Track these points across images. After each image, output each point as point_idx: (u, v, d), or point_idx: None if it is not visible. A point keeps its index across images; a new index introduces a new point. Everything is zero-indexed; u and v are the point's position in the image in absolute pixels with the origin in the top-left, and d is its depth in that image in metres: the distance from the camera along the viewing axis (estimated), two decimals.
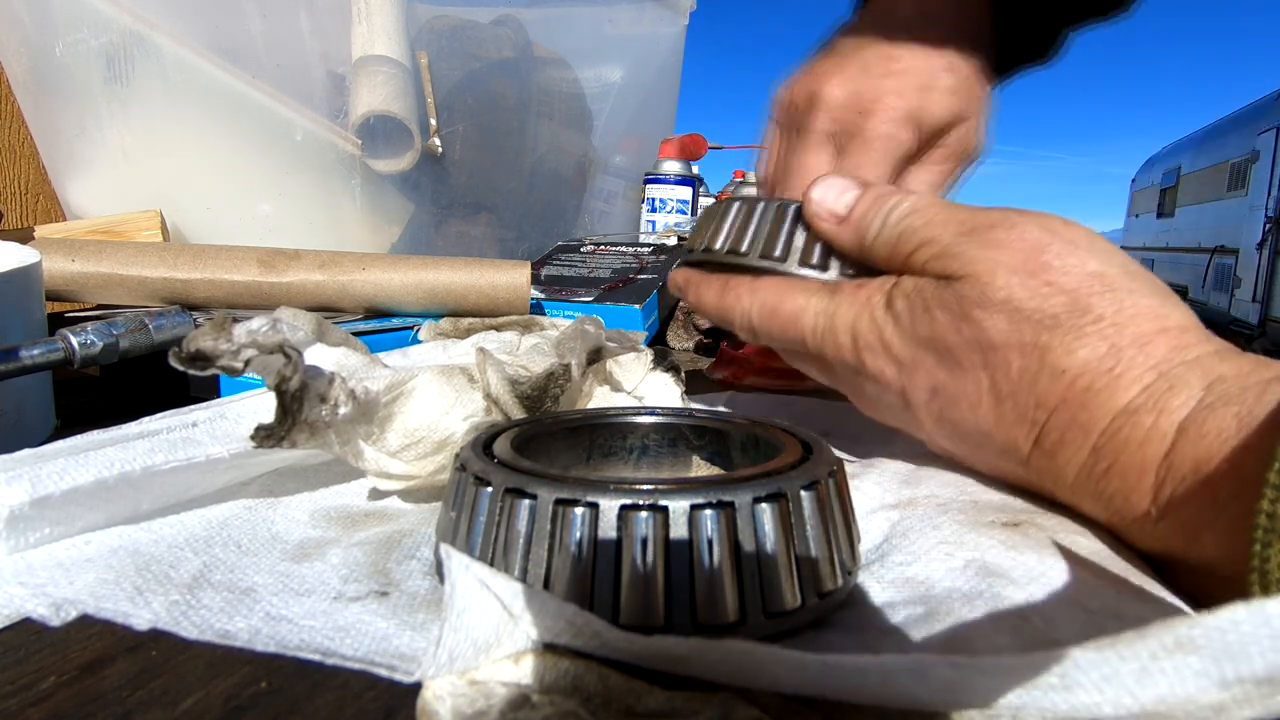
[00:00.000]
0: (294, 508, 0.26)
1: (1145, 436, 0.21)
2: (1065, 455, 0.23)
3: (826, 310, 0.28)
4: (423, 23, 0.74)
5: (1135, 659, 0.13)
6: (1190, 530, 0.20)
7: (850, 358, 0.27)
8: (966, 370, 0.24)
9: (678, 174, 0.96)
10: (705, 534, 0.18)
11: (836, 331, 0.27)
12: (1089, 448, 0.22)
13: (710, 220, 0.33)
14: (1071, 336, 0.22)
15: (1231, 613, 0.12)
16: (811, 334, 0.28)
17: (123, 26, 0.61)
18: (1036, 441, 0.24)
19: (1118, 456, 0.22)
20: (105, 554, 0.22)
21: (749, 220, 0.31)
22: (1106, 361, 0.22)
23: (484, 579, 0.17)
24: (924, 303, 0.25)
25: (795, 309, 0.29)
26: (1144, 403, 0.21)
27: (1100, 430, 0.22)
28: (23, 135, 0.71)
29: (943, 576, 0.21)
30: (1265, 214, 5.27)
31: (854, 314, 0.27)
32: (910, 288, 0.26)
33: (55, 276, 0.44)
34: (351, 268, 0.49)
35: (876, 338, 0.26)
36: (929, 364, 0.25)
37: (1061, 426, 0.23)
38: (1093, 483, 0.23)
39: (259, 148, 0.67)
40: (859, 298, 0.27)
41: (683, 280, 0.34)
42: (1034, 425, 0.24)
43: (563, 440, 0.27)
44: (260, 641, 0.18)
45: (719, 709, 0.15)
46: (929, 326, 0.25)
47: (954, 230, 0.25)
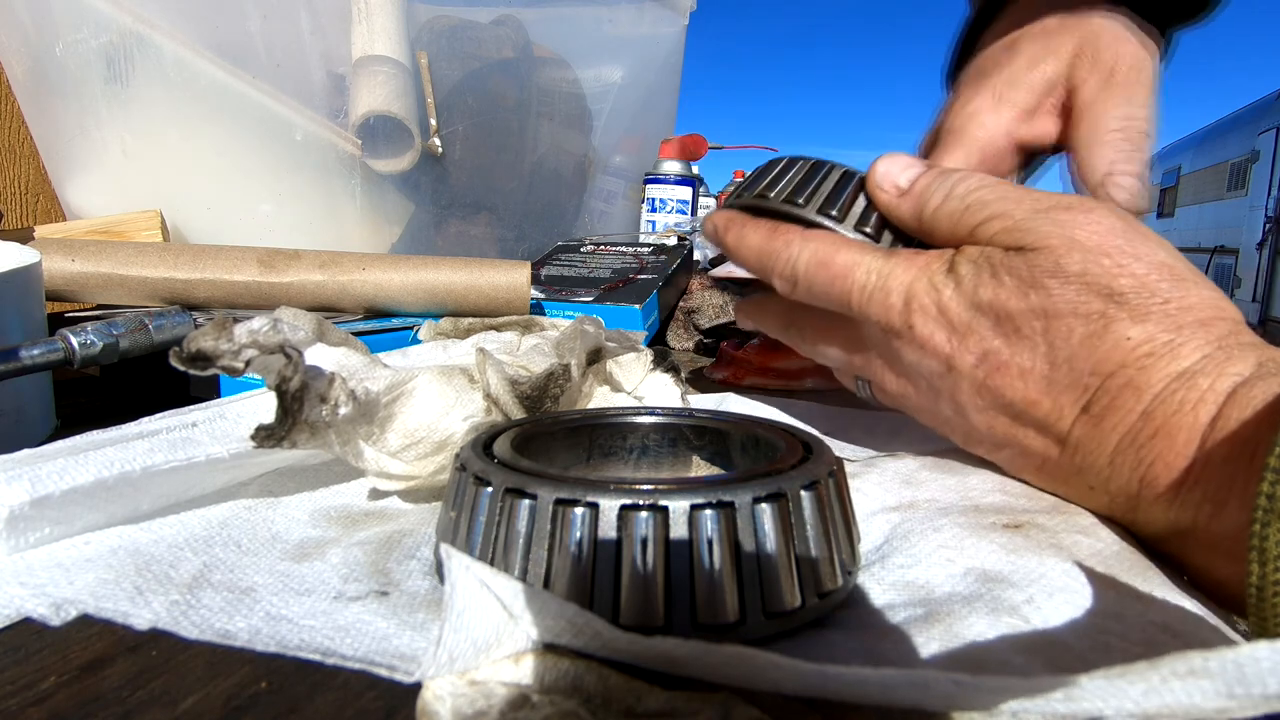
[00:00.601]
0: (294, 508, 0.26)
1: (1200, 399, 0.22)
2: (1113, 420, 0.23)
3: (881, 270, 0.28)
4: (423, 23, 0.74)
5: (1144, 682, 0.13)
6: (1219, 496, 0.21)
7: (898, 320, 0.28)
8: (1025, 337, 0.25)
9: (678, 174, 0.96)
10: (705, 534, 0.18)
11: (889, 291, 0.28)
12: (1139, 411, 0.23)
13: (768, 171, 0.33)
14: (1139, 311, 0.23)
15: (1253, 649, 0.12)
16: (860, 290, 0.28)
17: (123, 26, 0.61)
18: (1085, 408, 0.24)
19: (1169, 418, 0.22)
20: (105, 554, 0.22)
21: (811, 177, 0.31)
22: (1169, 334, 0.23)
23: (484, 579, 0.17)
24: (991, 268, 0.26)
25: (848, 262, 0.29)
26: (1202, 368, 0.22)
27: (1155, 394, 0.23)
28: (23, 135, 0.71)
29: (943, 582, 0.21)
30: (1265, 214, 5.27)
31: (911, 276, 0.27)
32: (976, 254, 0.26)
33: (55, 276, 0.44)
34: (351, 268, 0.49)
35: (933, 300, 0.27)
36: (984, 329, 0.26)
37: (1114, 390, 0.23)
38: (1135, 449, 0.23)
39: (259, 148, 0.67)
40: (917, 262, 0.28)
41: (723, 221, 0.34)
42: (1085, 391, 0.24)
43: (563, 440, 0.27)
44: (260, 641, 0.18)
45: (719, 709, 0.15)
46: (993, 291, 0.25)
47: (1029, 207, 0.26)
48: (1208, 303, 0.24)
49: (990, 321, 0.26)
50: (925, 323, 0.27)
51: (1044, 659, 0.17)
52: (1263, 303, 5.23)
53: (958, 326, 0.26)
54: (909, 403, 0.30)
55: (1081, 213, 0.25)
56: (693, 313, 0.67)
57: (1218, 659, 0.12)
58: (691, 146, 0.99)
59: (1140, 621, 0.18)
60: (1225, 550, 0.21)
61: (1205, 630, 0.19)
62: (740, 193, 0.34)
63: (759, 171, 0.34)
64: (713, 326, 0.66)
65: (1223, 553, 0.21)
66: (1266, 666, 0.12)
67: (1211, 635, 0.18)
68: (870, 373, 0.31)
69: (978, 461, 0.30)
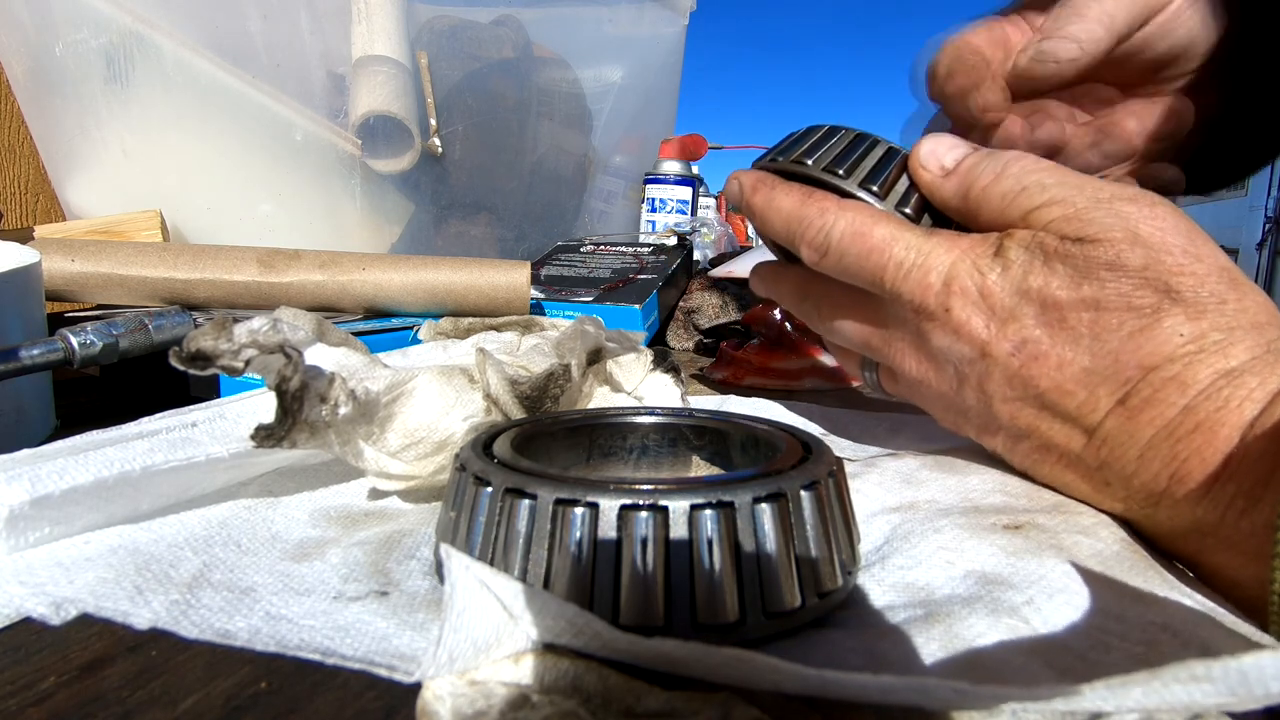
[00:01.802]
0: (294, 507, 0.26)
1: (1247, 396, 0.22)
2: (1151, 413, 0.23)
3: (921, 248, 0.27)
4: (423, 23, 0.74)
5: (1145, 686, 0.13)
6: (1254, 491, 0.21)
7: (934, 301, 0.27)
8: (1069, 328, 0.25)
9: (678, 174, 0.96)
10: (705, 534, 0.18)
11: (929, 270, 0.27)
12: (1182, 405, 0.23)
13: (807, 138, 0.31)
14: (1194, 309, 0.23)
15: (1256, 658, 0.12)
16: (897, 267, 0.28)
17: (123, 26, 0.61)
18: (1122, 400, 0.24)
19: (1212, 414, 0.22)
20: (105, 553, 0.22)
21: (853, 149, 0.30)
22: (1221, 333, 0.23)
23: (484, 579, 0.17)
24: (1045, 255, 0.25)
25: (887, 236, 0.28)
26: (1251, 367, 0.22)
27: (1201, 389, 0.23)
28: (23, 135, 0.71)
29: (943, 584, 0.21)
30: (1265, 214, 5.27)
31: (953, 257, 0.27)
32: (1029, 238, 0.26)
33: (55, 276, 0.44)
34: (351, 268, 0.49)
35: (975, 284, 0.26)
36: (1027, 316, 0.25)
37: (1158, 384, 0.23)
38: (1171, 442, 0.23)
39: (259, 148, 0.67)
40: (960, 244, 0.27)
41: (751, 182, 0.32)
42: (1125, 384, 0.24)
43: (563, 440, 0.27)
44: (260, 641, 0.18)
45: (719, 709, 0.15)
46: (1044, 278, 0.25)
47: (1090, 195, 0.25)
48: (1262, 307, 0.24)
49: (1035, 309, 0.25)
50: (964, 306, 0.26)
51: (1044, 660, 0.17)
52: None
53: (998, 312, 0.26)
54: (925, 390, 0.30)
55: (1146, 206, 0.25)
56: (693, 313, 0.67)
57: (1220, 667, 0.12)
58: (691, 146, 0.99)
59: (1140, 622, 0.18)
60: (1249, 550, 0.21)
61: (1206, 629, 0.19)
62: (774, 156, 0.32)
63: (796, 137, 0.32)
64: (713, 326, 0.66)
65: (1246, 552, 0.21)
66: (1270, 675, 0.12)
67: (1212, 634, 0.18)
68: (888, 356, 0.30)
69: (978, 461, 0.30)
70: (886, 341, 0.30)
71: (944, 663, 0.17)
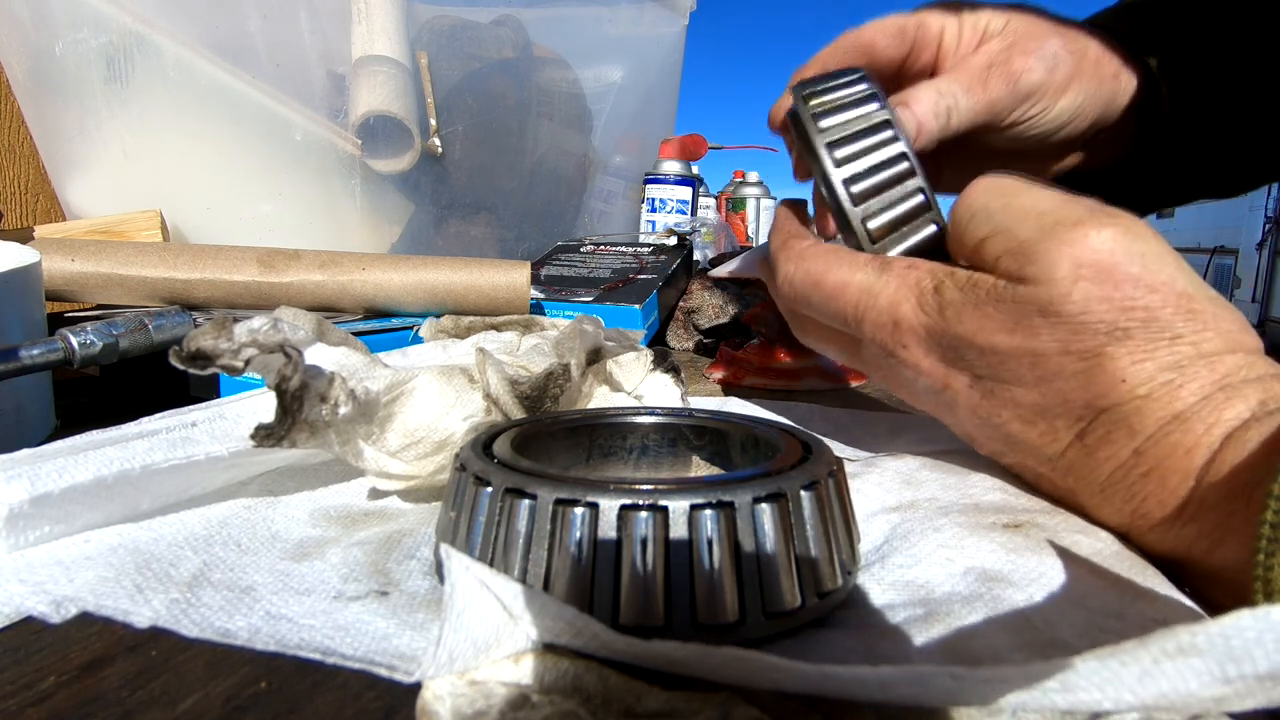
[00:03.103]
0: (294, 507, 0.26)
1: (1194, 444, 0.21)
2: (1105, 453, 0.23)
3: (871, 288, 0.27)
4: (423, 23, 0.74)
5: (1137, 664, 0.13)
6: (1216, 534, 0.20)
7: (890, 340, 0.27)
8: (1012, 370, 0.24)
9: (678, 174, 0.96)
10: (705, 534, 0.18)
11: (880, 310, 0.27)
12: (1132, 449, 0.22)
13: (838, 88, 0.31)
14: (1141, 349, 0.22)
15: (1236, 619, 0.12)
16: (854, 309, 0.28)
17: (123, 26, 0.61)
18: (1078, 437, 0.24)
19: (1161, 460, 0.22)
20: (105, 552, 0.22)
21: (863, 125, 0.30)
22: (1169, 374, 0.22)
23: (484, 579, 0.17)
24: (976, 300, 0.24)
25: (839, 282, 0.28)
26: (1199, 411, 0.21)
27: (1148, 435, 0.22)
28: (23, 135, 0.71)
29: (943, 581, 0.21)
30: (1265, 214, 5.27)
31: (900, 297, 0.26)
32: (965, 280, 0.25)
33: (55, 276, 0.44)
34: (351, 268, 0.49)
35: (921, 324, 0.26)
36: (971, 358, 0.25)
37: (1108, 425, 0.23)
38: (1127, 484, 0.23)
39: (259, 148, 0.67)
40: (907, 280, 0.27)
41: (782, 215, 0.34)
42: (1078, 422, 0.23)
43: (563, 440, 0.27)
44: (260, 640, 0.18)
45: (719, 709, 0.15)
46: (977, 324, 0.24)
47: (1034, 224, 0.24)
48: (1224, 335, 0.22)
49: (975, 353, 0.25)
50: (916, 345, 0.26)
51: (1043, 656, 0.17)
52: (1262, 303, 5.23)
53: (946, 352, 0.26)
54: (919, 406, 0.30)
55: (1094, 231, 0.23)
56: (693, 313, 0.67)
57: (1205, 633, 0.12)
58: (691, 146, 0.99)
59: (1140, 619, 0.18)
60: (1225, 581, 0.20)
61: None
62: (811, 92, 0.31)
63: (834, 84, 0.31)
64: (713, 326, 0.66)
65: (1222, 584, 0.21)
66: (1252, 638, 0.12)
67: None
68: (872, 377, 0.31)
69: (978, 461, 0.30)
70: (867, 368, 0.31)
71: (943, 659, 0.17)
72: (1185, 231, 7.58)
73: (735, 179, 1.72)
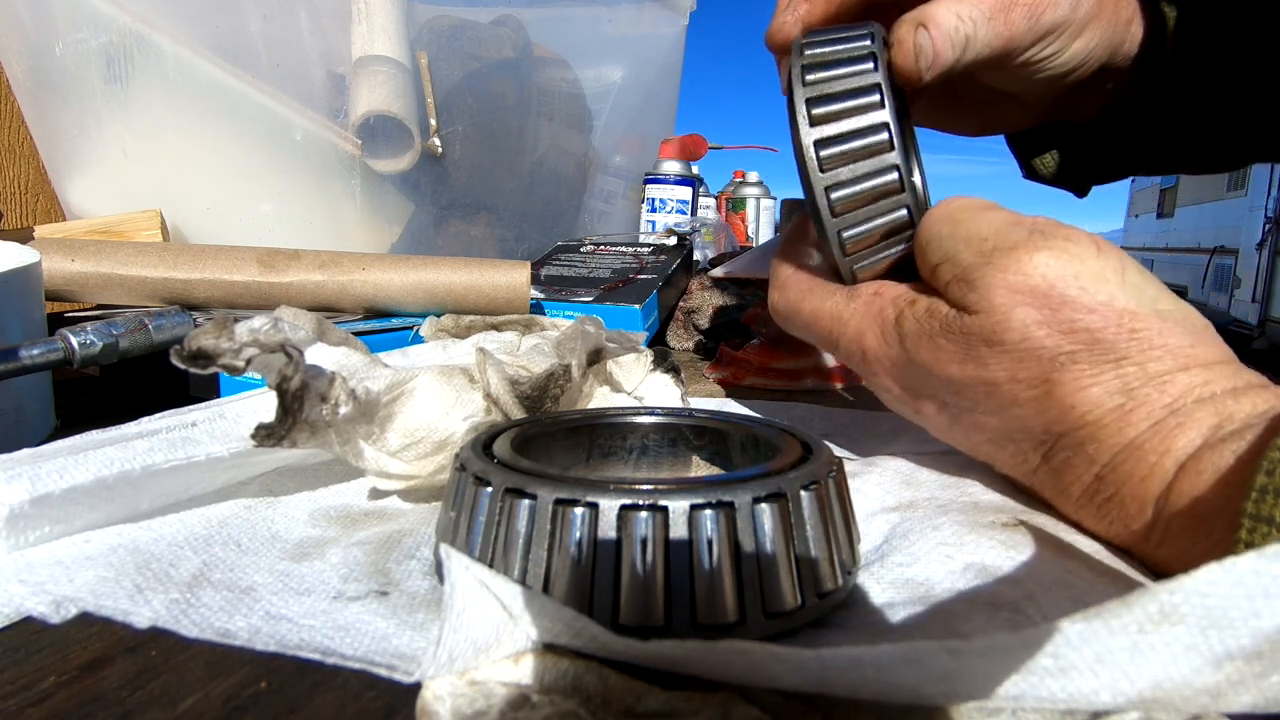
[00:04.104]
0: (294, 507, 0.26)
1: (1148, 472, 0.21)
2: (1070, 476, 0.23)
3: (841, 317, 0.28)
4: (423, 23, 0.74)
5: (1124, 631, 0.13)
6: (1187, 559, 0.20)
7: (862, 368, 0.28)
8: (971, 398, 0.25)
9: (678, 174, 0.96)
10: (705, 534, 0.18)
11: (850, 339, 0.28)
12: (1093, 475, 0.23)
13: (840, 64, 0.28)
14: (1086, 374, 0.22)
15: (1207, 573, 0.13)
16: (827, 336, 0.29)
17: (123, 26, 0.61)
18: (1045, 458, 0.24)
19: (1120, 487, 0.22)
20: (105, 552, 0.22)
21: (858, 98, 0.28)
22: (1118, 399, 0.22)
23: (484, 579, 0.17)
24: (932, 330, 0.25)
25: (813, 310, 0.30)
26: (1149, 439, 0.21)
27: (1104, 463, 0.22)
28: (23, 135, 0.71)
29: (942, 579, 0.21)
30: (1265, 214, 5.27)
31: (865, 327, 0.27)
32: (922, 311, 0.25)
33: (55, 276, 0.44)
34: (351, 268, 0.49)
35: (884, 353, 0.27)
36: (934, 385, 0.26)
37: (1069, 448, 0.23)
38: (1095, 506, 0.23)
39: (259, 148, 0.67)
40: (872, 309, 0.27)
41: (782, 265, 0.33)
42: (1042, 444, 0.24)
43: (563, 440, 0.27)
44: (260, 640, 0.18)
45: (719, 709, 0.15)
46: (933, 354, 0.25)
47: (975, 252, 0.24)
48: (1175, 352, 0.22)
49: (937, 381, 0.25)
50: (885, 373, 0.27)
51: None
52: (1262, 303, 5.23)
53: (911, 380, 0.27)
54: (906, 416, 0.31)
55: (1026, 254, 0.22)
56: (693, 313, 0.67)
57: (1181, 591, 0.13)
58: (691, 146, 0.99)
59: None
60: None
61: None
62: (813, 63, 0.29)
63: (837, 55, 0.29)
64: (713, 326, 0.66)
65: None
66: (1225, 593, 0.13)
67: None
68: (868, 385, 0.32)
69: (976, 462, 0.30)
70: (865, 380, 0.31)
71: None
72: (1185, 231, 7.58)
73: (735, 179, 1.72)
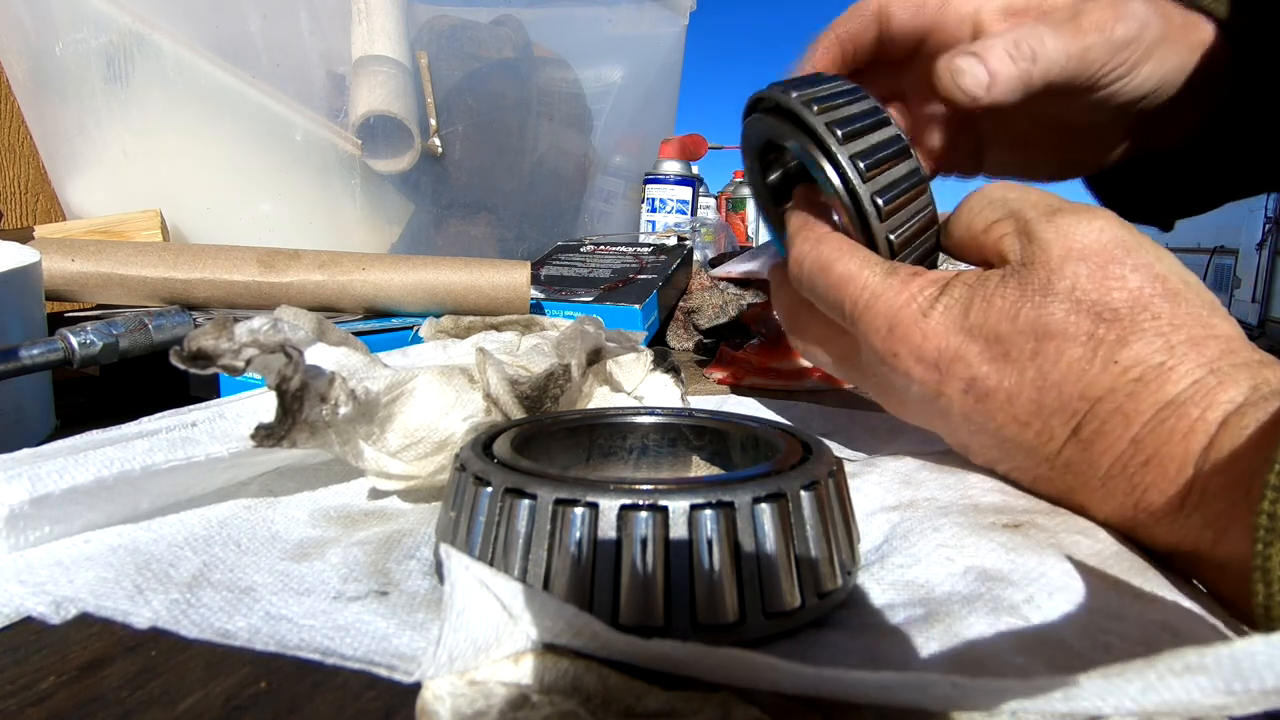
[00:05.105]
0: (294, 507, 0.26)
1: (1190, 429, 0.21)
2: (1102, 445, 0.23)
3: (875, 290, 0.28)
4: (423, 23, 0.74)
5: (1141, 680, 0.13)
6: (1219, 524, 0.20)
7: (881, 345, 0.27)
8: (1013, 361, 0.25)
9: (678, 174, 0.96)
10: (705, 534, 0.18)
11: (876, 314, 0.27)
12: (1129, 439, 0.22)
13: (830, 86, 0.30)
14: (1129, 330, 0.23)
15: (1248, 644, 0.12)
16: (853, 304, 0.28)
17: (123, 26, 0.61)
18: (1074, 432, 0.24)
19: (1159, 448, 0.22)
20: (105, 552, 0.22)
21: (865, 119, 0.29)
22: (1159, 355, 0.22)
23: (484, 579, 0.17)
24: (986, 291, 0.25)
25: (845, 274, 0.28)
26: (1192, 395, 0.22)
27: (1144, 421, 0.22)
28: (23, 135, 0.71)
29: (942, 581, 0.21)
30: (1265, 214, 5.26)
31: (899, 302, 0.27)
32: (972, 278, 0.26)
33: (55, 276, 0.44)
34: (351, 268, 0.49)
35: (919, 326, 0.26)
36: (973, 354, 0.25)
37: (1103, 416, 0.23)
38: (1126, 475, 0.23)
39: (259, 148, 0.67)
40: (910, 286, 0.27)
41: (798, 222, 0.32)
42: (1074, 415, 0.24)
43: (563, 440, 0.27)
44: (260, 640, 0.18)
45: (719, 709, 0.15)
46: (983, 313, 0.25)
47: (1040, 210, 0.25)
48: (1200, 320, 0.23)
49: (979, 345, 0.25)
50: (909, 351, 0.27)
51: (1044, 658, 0.17)
52: (1262, 303, 5.22)
53: (944, 353, 0.26)
54: (906, 417, 0.30)
55: (1087, 216, 0.25)
56: (693, 313, 0.67)
57: (1214, 655, 0.12)
58: (691, 146, 0.99)
59: (1140, 620, 0.18)
60: (1232, 571, 0.20)
61: (1204, 629, 0.19)
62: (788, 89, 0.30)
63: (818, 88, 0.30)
64: (713, 326, 0.66)
65: (1230, 574, 0.20)
66: (1263, 661, 0.12)
67: (1211, 634, 0.18)
68: (863, 388, 0.31)
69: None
70: (860, 378, 0.31)
71: (944, 662, 0.17)
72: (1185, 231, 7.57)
73: (735, 179, 1.72)
